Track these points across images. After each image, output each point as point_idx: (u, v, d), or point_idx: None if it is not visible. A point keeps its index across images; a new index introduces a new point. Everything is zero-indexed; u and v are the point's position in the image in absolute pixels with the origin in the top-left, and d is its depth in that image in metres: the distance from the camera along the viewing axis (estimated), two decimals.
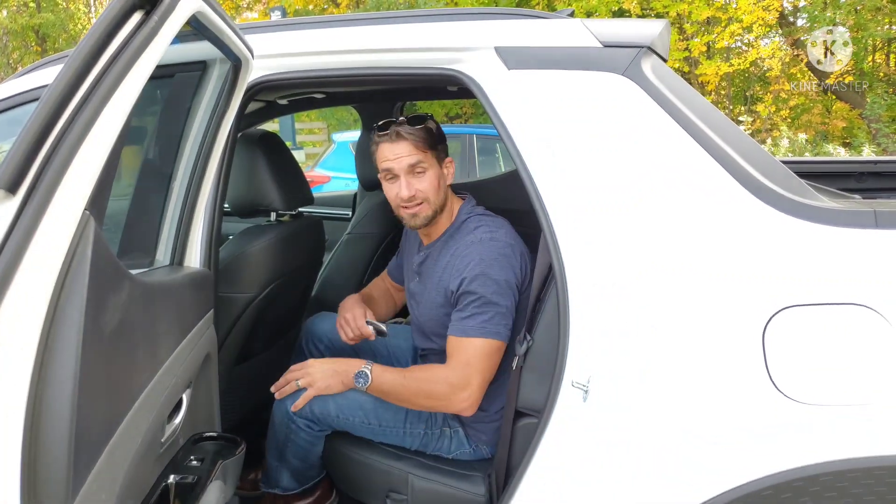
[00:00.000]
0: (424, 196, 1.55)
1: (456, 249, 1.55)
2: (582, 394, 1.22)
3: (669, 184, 1.16)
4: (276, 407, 1.63)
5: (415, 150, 1.53)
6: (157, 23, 0.80)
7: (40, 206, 0.67)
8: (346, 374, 1.53)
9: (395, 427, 1.59)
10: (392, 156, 1.54)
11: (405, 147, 1.53)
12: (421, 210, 1.57)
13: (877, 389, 1.05)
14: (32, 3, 15.76)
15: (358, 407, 1.57)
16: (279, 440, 1.62)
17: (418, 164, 1.53)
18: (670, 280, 1.14)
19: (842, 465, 1.05)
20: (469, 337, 1.45)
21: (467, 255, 1.50)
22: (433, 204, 1.56)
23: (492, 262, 1.47)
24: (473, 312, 1.46)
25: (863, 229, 1.10)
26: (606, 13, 10.42)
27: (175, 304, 1.15)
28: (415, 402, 1.52)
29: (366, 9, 10.52)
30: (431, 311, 1.61)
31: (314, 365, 1.57)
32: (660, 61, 1.27)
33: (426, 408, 1.54)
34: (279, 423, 1.62)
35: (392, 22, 1.39)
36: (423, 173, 1.54)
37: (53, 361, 0.68)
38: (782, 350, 1.08)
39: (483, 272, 1.46)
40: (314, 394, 1.54)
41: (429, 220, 1.58)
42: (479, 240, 1.51)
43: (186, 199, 1.26)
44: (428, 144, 1.54)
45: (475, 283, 1.46)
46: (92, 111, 0.71)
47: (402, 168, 1.54)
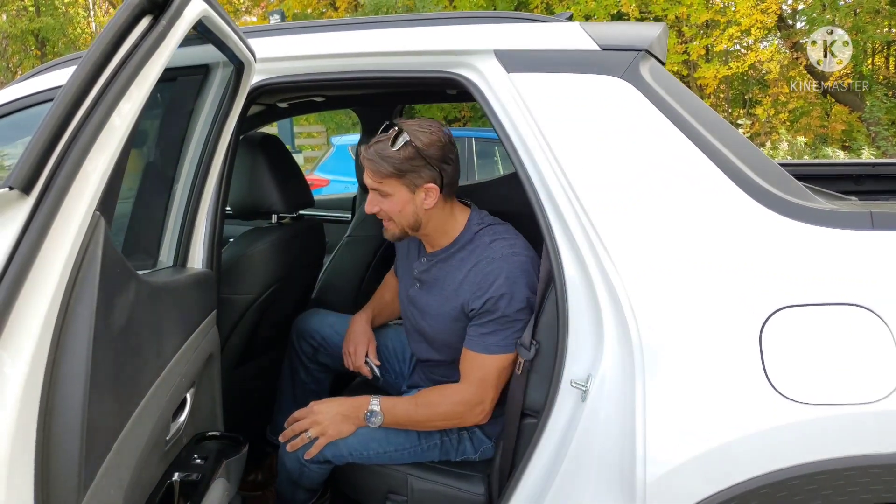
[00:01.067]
0: (387, 216, 1.52)
1: (475, 265, 1.50)
2: (581, 393, 1.23)
3: (668, 186, 1.17)
4: (286, 455, 1.57)
5: (372, 177, 1.48)
6: (164, 27, 0.81)
7: (53, 206, 0.68)
8: (356, 416, 1.50)
9: (411, 447, 1.56)
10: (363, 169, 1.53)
11: (367, 169, 1.49)
12: (389, 227, 1.55)
13: (872, 389, 1.07)
14: (32, 7, 15.78)
15: (370, 440, 1.54)
16: (293, 477, 1.60)
17: (377, 189, 1.49)
18: (669, 281, 1.15)
19: (838, 464, 1.06)
20: (490, 354, 1.44)
21: (491, 273, 1.46)
22: (399, 224, 1.52)
23: (516, 280, 1.44)
24: (496, 329, 1.44)
25: (859, 230, 1.11)
26: (605, 16, 10.46)
27: (179, 304, 1.16)
28: (430, 425, 1.52)
29: (364, 13, 10.55)
30: (443, 324, 1.57)
31: (321, 411, 1.51)
32: (658, 64, 1.28)
33: (442, 427, 1.54)
34: (291, 467, 1.59)
35: (393, 26, 1.40)
36: (385, 197, 1.49)
37: (65, 359, 0.69)
38: (779, 350, 1.10)
39: (509, 291, 1.43)
40: (326, 442, 1.50)
41: (397, 238, 1.56)
42: (500, 256, 1.47)
43: (189, 200, 1.28)
44: (392, 173, 1.44)
45: (501, 302, 1.43)
46: (103, 113, 0.72)
47: (368, 184, 1.51)
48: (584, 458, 1.23)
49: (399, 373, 1.88)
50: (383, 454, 1.55)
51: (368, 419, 1.50)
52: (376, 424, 1.50)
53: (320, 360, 1.88)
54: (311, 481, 1.62)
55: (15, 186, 0.67)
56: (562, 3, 10.95)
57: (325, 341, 1.85)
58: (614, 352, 1.19)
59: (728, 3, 10.43)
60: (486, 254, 1.49)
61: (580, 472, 1.24)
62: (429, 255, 1.62)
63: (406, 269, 1.73)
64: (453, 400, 1.48)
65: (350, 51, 1.40)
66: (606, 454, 1.21)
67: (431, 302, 1.59)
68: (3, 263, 0.66)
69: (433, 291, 1.59)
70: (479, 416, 1.47)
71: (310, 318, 1.89)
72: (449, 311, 1.54)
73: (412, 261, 1.69)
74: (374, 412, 1.49)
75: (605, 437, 1.21)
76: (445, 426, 1.53)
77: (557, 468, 1.26)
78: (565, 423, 1.26)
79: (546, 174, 1.24)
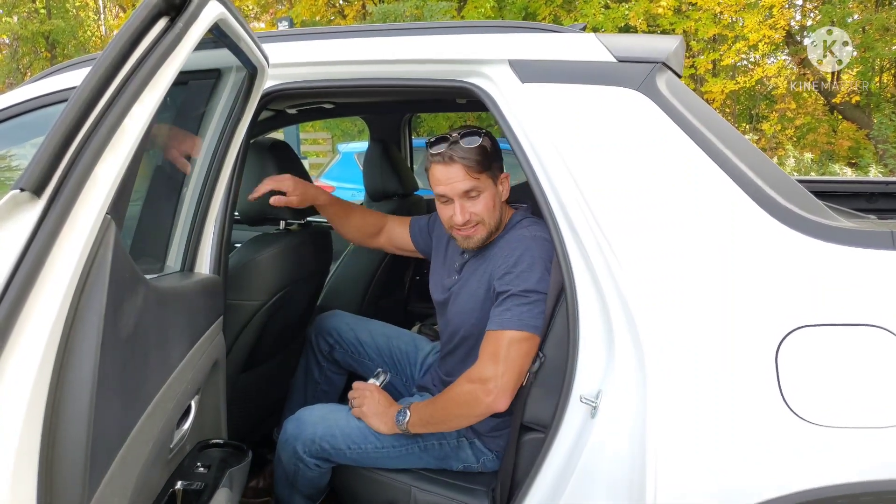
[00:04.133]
0: (479, 219, 1.51)
1: (507, 242, 1.52)
2: (590, 409, 1.21)
3: (683, 201, 1.15)
4: (282, 447, 1.61)
5: (468, 176, 1.47)
6: (181, 29, 0.80)
7: (64, 208, 0.67)
8: (390, 416, 1.54)
9: (408, 444, 1.56)
10: (445, 180, 1.49)
11: (458, 171, 1.47)
12: (475, 232, 1.53)
13: (891, 412, 1.05)
14: (43, 10, 15.90)
15: (368, 433, 1.55)
16: (289, 475, 1.62)
17: (472, 188, 1.49)
18: (684, 297, 1.13)
19: (856, 489, 1.04)
20: (503, 329, 1.40)
21: (517, 248, 1.47)
22: (488, 225, 1.53)
23: (536, 259, 1.43)
24: (511, 306, 1.41)
25: (880, 250, 1.09)
26: (613, 29, 10.49)
27: (186, 310, 1.15)
28: (450, 415, 1.47)
29: (372, 20, 10.60)
30: (470, 303, 1.57)
31: (372, 398, 1.59)
32: (674, 77, 1.27)
33: (464, 419, 1.48)
34: (287, 462, 1.60)
35: (406, 34, 1.40)
36: (477, 196, 1.50)
37: (72, 364, 0.68)
38: (796, 370, 1.08)
39: (529, 266, 1.42)
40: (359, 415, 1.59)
41: (482, 241, 1.55)
42: (531, 235, 1.48)
43: (199, 205, 1.27)
44: (482, 166, 1.48)
45: (520, 275, 1.42)
46: (117, 115, 0.72)
47: (455, 193, 1.49)
48: (593, 476, 1.21)
49: (409, 376, 1.90)
50: (381, 449, 1.56)
51: (399, 421, 1.52)
52: (404, 423, 1.51)
53: (336, 357, 1.94)
54: (309, 484, 1.61)
55: (26, 188, 0.67)
56: (570, 14, 10.98)
57: (341, 338, 1.93)
58: (626, 368, 1.17)
59: (736, 19, 10.45)
60: (517, 232, 1.53)
61: (588, 490, 1.22)
62: (471, 249, 1.61)
63: (444, 259, 1.75)
64: (466, 378, 1.44)
65: (362, 58, 1.40)
66: (616, 474, 1.19)
67: (464, 288, 1.60)
68: (13, 266, 0.65)
69: (470, 279, 1.60)
70: (491, 394, 1.37)
71: (329, 317, 1.98)
72: (477, 289, 1.55)
73: (455, 256, 1.70)
74: (403, 411, 1.53)
75: (614, 456, 1.19)
76: (467, 414, 1.45)
77: (564, 486, 1.24)
78: (573, 438, 1.24)
79: (559, 186, 1.23)
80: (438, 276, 1.74)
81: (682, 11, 10.61)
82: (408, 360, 1.90)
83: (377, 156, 2.54)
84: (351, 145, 7.46)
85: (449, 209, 1.53)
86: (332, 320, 1.95)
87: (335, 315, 1.98)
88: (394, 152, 2.61)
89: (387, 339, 1.93)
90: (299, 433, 1.57)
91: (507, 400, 1.39)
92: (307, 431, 1.57)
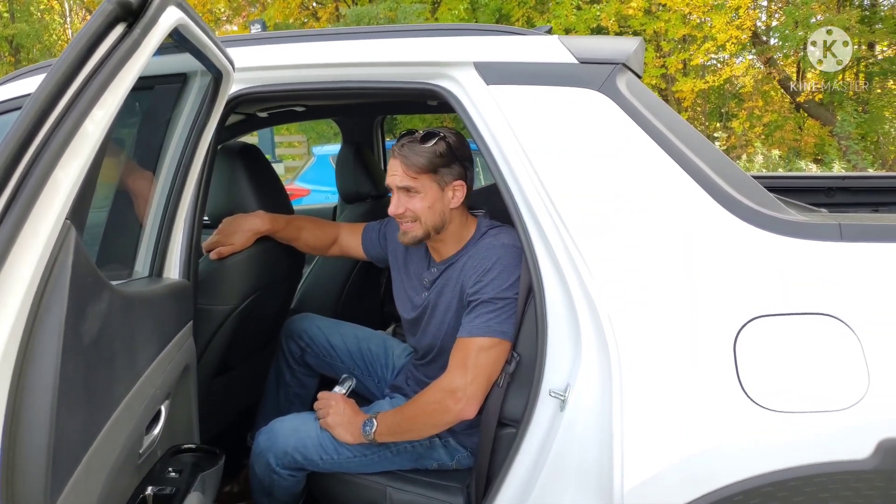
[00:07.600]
0: (414, 216, 1.53)
1: (476, 251, 1.54)
2: (559, 403, 1.24)
3: (644, 197, 1.19)
4: (255, 460, 1.60)
5: (405, 174, 1.50)
6: (139, 35, 0.81)
7: (21, 214, 0.67)
8: (356, 426, 1.53)
9: (379, 451, 1.56)
10: (390, 171, 1.54)
11: (398, 167, 1.51)
12: (410, 229, 1.54)
13: (842, 396, 1.09)
14: (6, 14, 15.55)
15: (340, 443, 1.55)
16: (265, 486, 1.61)
17: (409, 187, 1.51)
18: (645, 291, 1.17)
19: (809, 471, 1.07)
20: (472, 336, 1.43)
21: (486, 257, 1.49)
22: (425, 225, 1.53)
23: (506, 266, 1.45)
24: (480, 313, 1.43)
25: (828, 241, 1.13)
26: (585, 30, 10.60)
27: (154, 314, 1.14)
28: (418, 424, 1.48)
29: (346, 23, 10.58)
30: (447, 317, 1.58)
31: (338, 409, 1.57)
32: (634, 78, 1.30)
33: (431, 428, 1.50)
34: (262, 474, 1.59)
35: (373, 37, 1.41)
36: (415, 195, 1.52)
37: (32, 370, 0.68)
38: (752, 359, 1.11)
39: (498, 273, 1.44)
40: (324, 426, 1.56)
41: (418, 240, 1.56)
42: (500, 244, 1.50)
43: (166, 210, 1.26)
44: (424, 168, 1.49)
45: (489, 284, 1.44)
46: (75, 120, 0.71)
47: (394, 185, 1.53)
48: (563, 468, 1.23)
49: (382, 377, 1.89)
50: (353, 459, 1.56)
51: (365, 431, 1.51)
52: (371, 433, 1.51)
53: (307, 360, 1.92)
54: (285, 492, 1.61)
55: None
56: (543, 16, 11.09)
57: (312, 341, 1.90)
58: (592, 361, 1.20)
59: (704, 19, 10.64)
60: (486, 241, 1.55)
61: (559, 481, 1.24)
62: (438, 264, 1.63)
63: (409, 282, 1.72)
64: (434, 388, 1.46)
65: (331, 61, 1.40)
66: (585, 463, 1.21)
67: (439, 302, 1.60)
68: None
69: (444, 292, 1.60)
70: (460, 403, 1.40)
71: (299, 320, 1.95)
72: (455, 303, 1.56)
73: (421, 270, 1.69)
74: (369, 421, 1.52)
75: (583, 446, 1.21)
76: (434, 423, 1.47)
77: (536, 477, 1.26)
78: (544, 432, 1.27)
79: (525, 185, 1.25)
80: (404, 291, 1.73)
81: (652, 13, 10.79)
82: (379, 362, 1.90)
83: (350, 158, 2.54)
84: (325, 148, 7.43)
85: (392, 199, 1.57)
86: (303, 323, 1.93)
87: (306, 318, 1.95)
88: (366, 154, 2.61)
89: (357, 341, 1.92)
90: (271, 445, 1.56)
91: (475, 407, 1.42)
92: (279, 444, 1.56)
